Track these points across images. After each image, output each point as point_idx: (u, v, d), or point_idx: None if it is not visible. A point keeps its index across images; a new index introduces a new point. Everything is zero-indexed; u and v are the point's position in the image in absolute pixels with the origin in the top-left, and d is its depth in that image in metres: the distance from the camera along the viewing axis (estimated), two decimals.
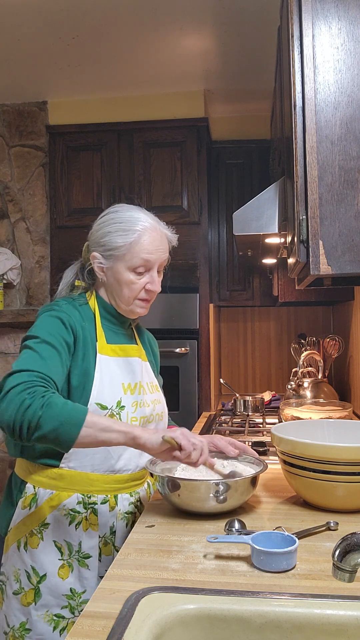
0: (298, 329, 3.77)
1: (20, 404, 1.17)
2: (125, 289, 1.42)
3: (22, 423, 1.17)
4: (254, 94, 3.33)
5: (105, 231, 1.43)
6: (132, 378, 1.45)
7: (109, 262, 1.43)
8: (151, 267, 1.43)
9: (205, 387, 3.23)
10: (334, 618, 0.88)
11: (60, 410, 1.18)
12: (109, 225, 1.43)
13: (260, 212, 1.78)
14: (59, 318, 1.37)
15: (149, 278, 1.43)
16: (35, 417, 1.16)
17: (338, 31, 1.29)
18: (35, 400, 1.17)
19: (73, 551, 1.36)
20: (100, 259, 1.44)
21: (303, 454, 1.30)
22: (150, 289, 1.43)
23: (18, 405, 1.17)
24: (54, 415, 1.17)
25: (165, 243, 1.46)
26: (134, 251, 1.40)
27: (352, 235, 1.28)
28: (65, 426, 1.17)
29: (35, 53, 2.86)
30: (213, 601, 0.92)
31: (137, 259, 1.40)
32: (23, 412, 1.16)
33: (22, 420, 1.16)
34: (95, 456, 1.37)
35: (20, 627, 1.34)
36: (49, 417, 1.16)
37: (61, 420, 1.17)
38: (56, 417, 1.17)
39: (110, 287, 1.46)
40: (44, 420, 1.16)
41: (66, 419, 1.17)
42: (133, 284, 1.42)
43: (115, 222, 1.42)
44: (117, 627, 0.84)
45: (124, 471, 1.41)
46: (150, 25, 2.61)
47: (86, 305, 1.46)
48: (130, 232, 1.40)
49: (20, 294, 3.44)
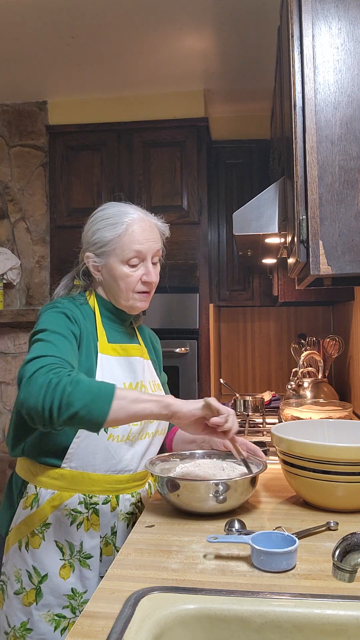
0: (298, 329, 3.77)
1: (47, 384, 1.13)
2: (122, 283, 1.42)
3: (53, 403, 1.12)
4: (254, 94, 3.33)
5: (94, 229, 1.44)
6: (134, 377, 1.45)
7: (103, 260, 1.43)
8: (144, 258, 1.42)
9: (205, 387, 3.23)
10: (334, 618, 0.88)
11: (90, 386, 1.15)
12: (97, 223, 1.44)
13: (260, 212, 1.78)
14: (63, 313, 1.37)
15: (144, 269, 1.42)
16: (65, 393, 1.12)
17: (338, 31, 1.29)
18: (63, 378, 1.14)
19: (74, 551, 1.36)
20: (94, 257, 1.44)
21: (303, 454, 1.30)
22: (147, 280, 1.42)
23: (45, 386, 1.13)
24: (84, 391, 1.13)
25: (155, 232, 1.45)
26: (124, 243, 1.40)
27: (352, 235, 1.28)
28: (97, 401, 1.14)
29: (35, 53, 2.86)
30: (213, 601, 0.91)
31: (128, 250, 1.40)
32: (52, 391, 1.13)
33: (52, 399, 1.12)
34: (96, 456, 1.37)
35: (21, 627, 1.34)
36: (80, 392, 1.13)
37: (92, 394, 1.14)
38: (87, 392, 1.14)
39: (107, 284, 1.45)
40: (75, 396, 1.12)
41: (97, 393, 1.14)
42: (128, 277, 1.41)
43: (102, 219, 1.44)
44: (117, 627, 0.83)
45: (126, 471, 1.41)
46: (150, 25, 2.61)
47: (86, 305, 1.46)
48: (118, 225, 1.41)
49: (20, 294, 3.44)
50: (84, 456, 1.36)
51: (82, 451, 1.36)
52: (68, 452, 1.35)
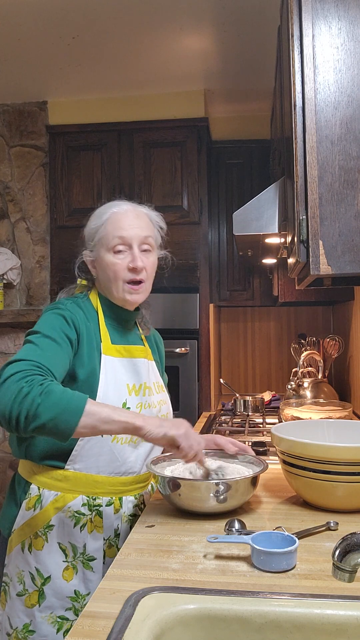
0: (298, 329, 3.77)
1: (17, 392, 1.13)
2: (110, 272, 1.42)
3: (20, 412, 1.12)
4: (254, 94, 3.33)
5: (86, 227, 1.49)
6: (137, 379, 1.45)
7: (94, 254, 1.46)
8: (130, 244, 1.41)
9: (205, 387, 3.23)
10: (334, 618, 0.88)
11: (60, 398, 1.14)
12: (88, 221, 1.49)
13: (260, 212, 1.78)
14: (62, 315, 1.37)
15: (130, 257, 1.41)
16: (33, 405, 1.12)
17: (338, 31, 1.29)
18: (34, 388, 1.13)
19: (77, 553, 1.36)
20: (88, 253, 1.47)
21: (303, 454, 1.30)
22: (132, 265, 1.41)
23: (15, 394, 1.13)
24: (53, 403, 1.13)
25: (143, 220, 1.45)
26: (107, 231, 1.42)
27: (352, 235, 1.28)
28: (64, 415, 1.13)
29: (35, 53, 2.86)
30: (213, 601, 0.92)
31: (111, 237, 1.41)
32: (21, 401, 1.12)
33: (19, 409, 1.12)
34: (100, 458, 1.37)
35: (23, 628, 1.34)
36: (48, 405, 1.12)
37: (61, 407, 1.13)
38: (55, 405, 1.13)
39: (101, 279, 1.46)
40: (43, 408, 1.12)
41: (65, 407, 1.13)
42: (115, 265, 1.41)
43: (92, 215, 1.49)
44: (117, 627, 0.83)
45: (129, 473, 1.41)
46: (150, 25, 2.61)
47: (90, 305, 1.46)
48: (103, 215, 1.45)
49: (20, 294, 3.44)
50: (87, 458, 1.36)
51: (86, 453, 1.35)
52: (72, 454, 1.35)
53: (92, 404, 1.17)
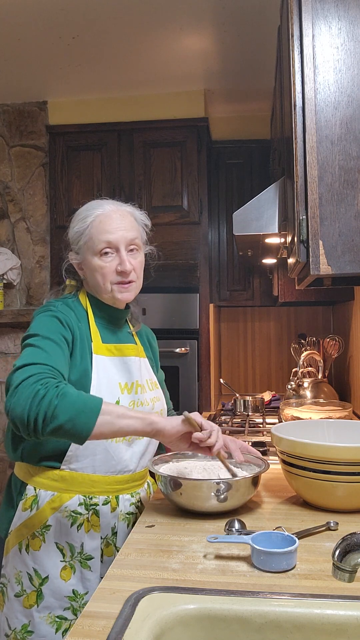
0: (298, 329, 3.77)
1: (34, 395, 1.14)
2: (98, 276, 1.41)
3: (38, 414, 1.13)
4: (254, 94, 3.33)
5: (70, 228, 1.47)
6: (129, 377, 1.45)
7: (80, 256, 1.44)
8: (117, 247, 1.40)
9: (205, 387, 3.23)
10: (334, 618, 0.88)
11: (76, 399, 1.15)
12: (72, 221, 1.47)
13: (260, 212, 1.78)
14: (56, 317, 1.37)
15: (118, 259, 1.41)
16: (51, 406, 1.13)
17: (338, 31, 1.29)
18: (50, 390, 1.15)
19: (75, 553, 1.36)
20: (75, 256, 1.46)
21: (303, 454, 1.30)
22: (121, 269, 1.40)
23: (32, 397, 1.14)
24: (70, 404, 1.14)
25: (128, 220, 1.43)
26: (92, 235, 1.40)
27: (352, 235, 1.28)
28: (82, 415, 1.14)
29: (35, 53, 2.86)
30: (213, 601, 0.91)
31: (97, 241, 1.39)
32: (38, 403, 1.13)
33: (37, 411, 1.13)
34: (96, 457, 1.37)
35: (22, 629, 1.34)
36: (65, 406, 1.13)
37: (78, 408, 1.14)
38: (72, 406, 1.14)
39: (89, 281, 1.46)
40: (61, 410, 1.13)
41: (83, 407, 1.15)
42: (103, 269, 1.40)
43: (76, 216, 1.46)
44: (117, 627, 0.83)
45: (125, 472, 1.41)
46: (150, 25, 2.61)
47: (79, 305, 1.46)
48: (88, 218, 1.42)
49: (20, 294, 3.44)
50: (83, 458, 1.36)
51: (81, 453, 1.35)
52: (67, 454, 1.35)
53: (107, 404, 1.19)
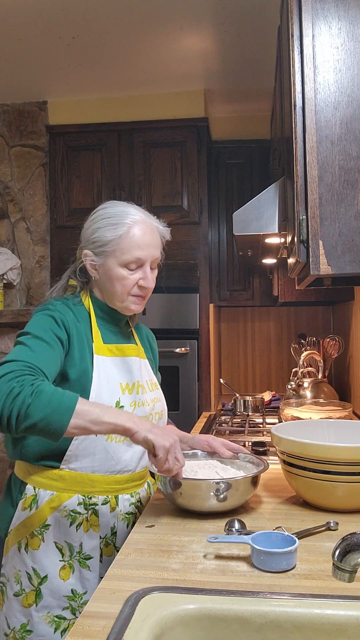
0: (298, 329, 3.77)
1: (8, 393, 1.13)
2: (118, 285, 1.41)
3: (11, 412, 1.13)
4: (254, 94, 3.33)
5: (95, 227, 1.42)
6: (130, 378, 1.45)
7: (101, 259, 1.42)
8: (143, 264, 1.41)
9: (205, 387, 3.23)
10: (334, 618, 0.88)
11: (50, 398, 1.14)
12: (99, 222, 1.42)
13: (260, 212, 1.78)
14: (51, 316, 1.36)
15: (142, 274, 1.41)
16: (24, 405, 1.12)
17: (338, 31, 1.29)
18: (25, 388, 1.14)
19: (74, 552, 1.36)
20: (92, 256, 1.43)
21: (303, 454, 1.30)
22: (143, 285, 1.41)
23: (6, 394, 1.13)
24: (43, 403, 1.13)
25: (156, 238, 1.44)
26: (124, 246, 1.38)
27: (352, 235, 1.28)
28: (55, 415, 1.13)
29: (35, 53, 2.86)
30: (213, 601, 0.91)
31: (128, 254, 1.38)
32: (12, 401, 1.13)
33: (10, 409, 1.12)
34: (96, 457, 1.37)
35: (21, 628, 1.34)
36: (39, 405, 1.13)
37: (52, 408, 1.13)
38: (46, 405, 1.13)
39: (102, 284, 1.44)
40: (34, 408, 1.12)
41: (56, 407, 1.14)
42: (125, 280, 1.40)
43: (104, 218, 1.42)
44: (117, 627, 0.83)
45: (125, 472, 1.41)
46: (150, 25, 2.61)
47: (81, 306, 1.45)
48: (120, 226, 1.39)
49: (20, 294, 3.44)
50: (82, 457, 1.36)
51: (80, 453, 1.35)
52: (67, 454, 1.35)
53: (83, 404, 1.17)
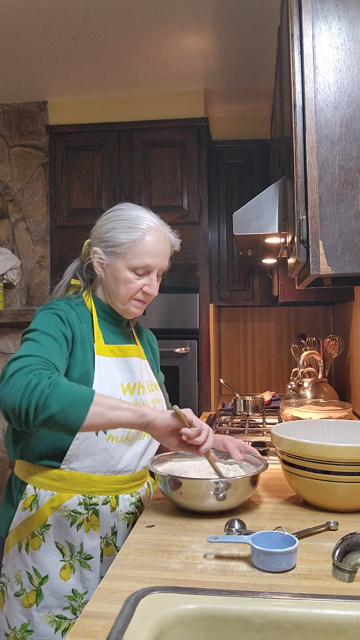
0: (298, 329, 3.77)
1: (26, 385, 1.14)
2: (122, 287, 1.42)
3: (30, 404, 1.13)
4: (254, 94, 3.33)
5: (110, 227, 1.42)
6: (132, 378, 1.45)
7: (110, 259, 1.42)
8: (151, 271, 1.42)
9: (205, 387, 3.23)
10: (334, 618, 0.88)
11: (68, 390, 1.15)
12: (114, 222, 1.43)
13: (260, 212, 1.78)
14: (57, 314, 1.37)
15: (148, 280, 1.42)
16: (42, 396, 1.12)
17: (338, 31, 1.29)
18: (42, 380, 1.15)
19: (75, 552, 1.36)
20: (101, 254, 1.43)
21: (303, 454, 1.30)
22: (148, 291, 1.43)
23: (24, 386, 1.14)
24: (62, 394, 1.14)
25: (167, 247, 1.45)
26: (136, 251, 1.39)
27: (352, 235, 1.28)
28: (74, 405, 1.14)
29: (35, 53, 2.86)
30: (213, 601, 0.91)
31: (138, 260, 1.39)
32: (30, 393, 1.13)
33: (29, 400, 1.13)
34: (96, 457, 1.37)
35: (21, 628, 1.34)
36: (57, 396, 1.13)
37: (70, 399, 1.14)
38: (64, 396, 1.14)
39: (107, 284, 1.45)
40: (52, 400, 1.12)
41: (75, 398, 1.14)
42: (131, 283, 1.41)
43: (120, 219, 1.42)
44: (117, 627, 0.83)
45: (125, 472, 1.41)
46: (150, 25, 2.61)
47: (83, 306, 1.46)
48: (135, 230, 1.40)
49: (20, 294, 3.44)
50: (83, 457, 1.36)
51: (81, 453, 1.35)
52: (67, 454, 1.35)
53: (99, 395, 1.18)
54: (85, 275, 1.51)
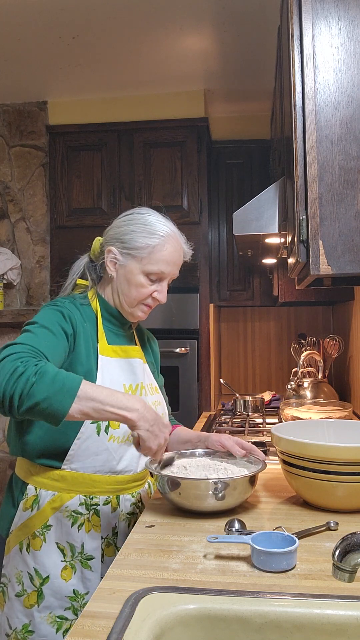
0: (298, 329, 3.77)
1: (12, 372, 1.13)
2: (134, 290, 1.43)
3: (14, 392, 1.11)
4: (254, 94, 3.33)
5: (129, 229, 1.44)
6: (134, 379, 1.46)
7: (125, 260, 1.43)
8: (164, 278, 1.45)
9: (205, 387, 3.23)
10: (334, 618, 0.88)
11: (54, 379, 1.13)
12: (134, 225, 1.44)
13: (260, 212, 1.78)
14: (59, 310, 1.38)
15: (159, 287, 1.45)
16: (28, 384, 1.11)
17: (338, 31, 1.29)
18: (29, 368, 1.13)
19: (76, 553, 1.36)
20: (117, 254, 1.44)
21: (303, 454, 1.30)
22: (158, 298, 1.45)
23: (10, 373, 1.13)
24: (47, 383, 1.12)
25: (181, 258, 1.48)
26: (153, 257, 1.41)
27: (352, 235, 1.28)
28: (59, 395, 1.12)
29: (35, 53, 2.86)
30: (213, 601, 0.91)
31: (154, 266, 1.41)
32: (16, 380, 1.12)
33: (13, 388, 1.12)
34: (97, 457, 1.37)
35: (23, 629, 1.34)
36: (43, 385, 1.12)
37: (56, 387, 1.12)
38: (50, 385, 1.12)
39: (118, 284, 1.46)
40: (38, 388, 1.11)
41: (60, 387, 1.13)
42: (143, 288, 1.43)
43: (140, 223, 1.44)
44: (117, 627, 0.83)
45: (126, 472, 1.41)
46: (150, 25, 2.61)
47: (88, 306, 1.46)
48: (155, 236, 1.41)
49: (20, 294, 3.44)
50: (84, 458, 1.36)
51: (82, 453, 1.36)
52: (68, 454, 1.35)
53: (87, 386, 1.16)
54: (93, 275, 1.51)
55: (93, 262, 1.52)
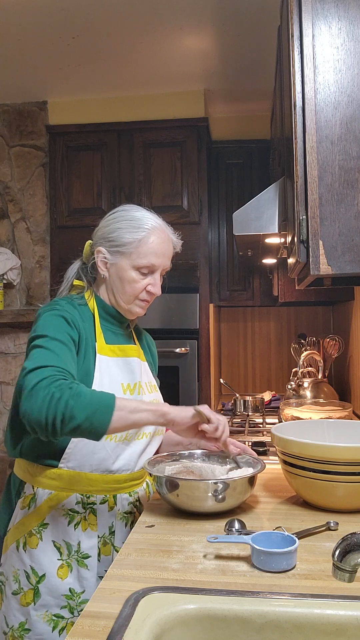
0: (298, 329, 3.78)
1: (50, 398, 1.16)
2: (127, 286, 1.43)
3: (55, 416, 1.16)
4: (254, 94, 3.33)
5: (115, 227, 1.44)
6: (132, 378, 1.45)
7: (114, 258, 1.43)
8: (155, 270, 1.45)
9: (205, 387, 3.23)
10: (334, 618, 0.88)
11: (91, 398, 1.19)
12: (119, 222, 1.45)
13: (260, 212, 1.78)
14: (62, 317, 1.37)
15: (152, 280, 1.45)
16: (67, 408, 1.16)
17: (338, 31, 1.29)
18: (65, 392, 1.17)
19: (72, 551, 1.36)
20: (106, 254, 1.44)
21: (303, 454, 1.30)
22: (152, 291, 1.45)
23: (48, 400, 1.16)
24: (85, 404, 1.17)
25: (170, 248, 1.48)
26: (141, 251, 1.41)
27: (352, 235, 1.28)
28: (98, 413, 1.18)
29: (35, 53, 2.86)
30: (213, 601, 0.91)
31: (143, 259, 1.41)
32: (55, 405, 1.16)
33: (55, 413, 1.16)
34: (94, 456, 1.37)
35: (19, 627, 1.34)
36: (81, 406, 1.17)
37: (94, 407, 1.18)
38: (88, 405, 1.17)
39: (111, 283, 1.46)
40: (77, 410, 1.16)
41: (98, 406, 1.18)
42: (135, 283, 1.43)
43: (125, 219, 1.45)
44: (117, 627, 0.84)
45: (123, 471, 1.41)
46: (150, 25, 2.61)
47: (85, 306, 1.46)
48: (140, 230, 1.42)
49: (20, 294, 3.44)
50: (81, 456, 1.36)
51: (79, 451, 1.36)
52: (65, 453, 1.35)
53: (119, 399, 1.23)
54: (88, 276, 1.51)
55: (86, 265, 1.52)
